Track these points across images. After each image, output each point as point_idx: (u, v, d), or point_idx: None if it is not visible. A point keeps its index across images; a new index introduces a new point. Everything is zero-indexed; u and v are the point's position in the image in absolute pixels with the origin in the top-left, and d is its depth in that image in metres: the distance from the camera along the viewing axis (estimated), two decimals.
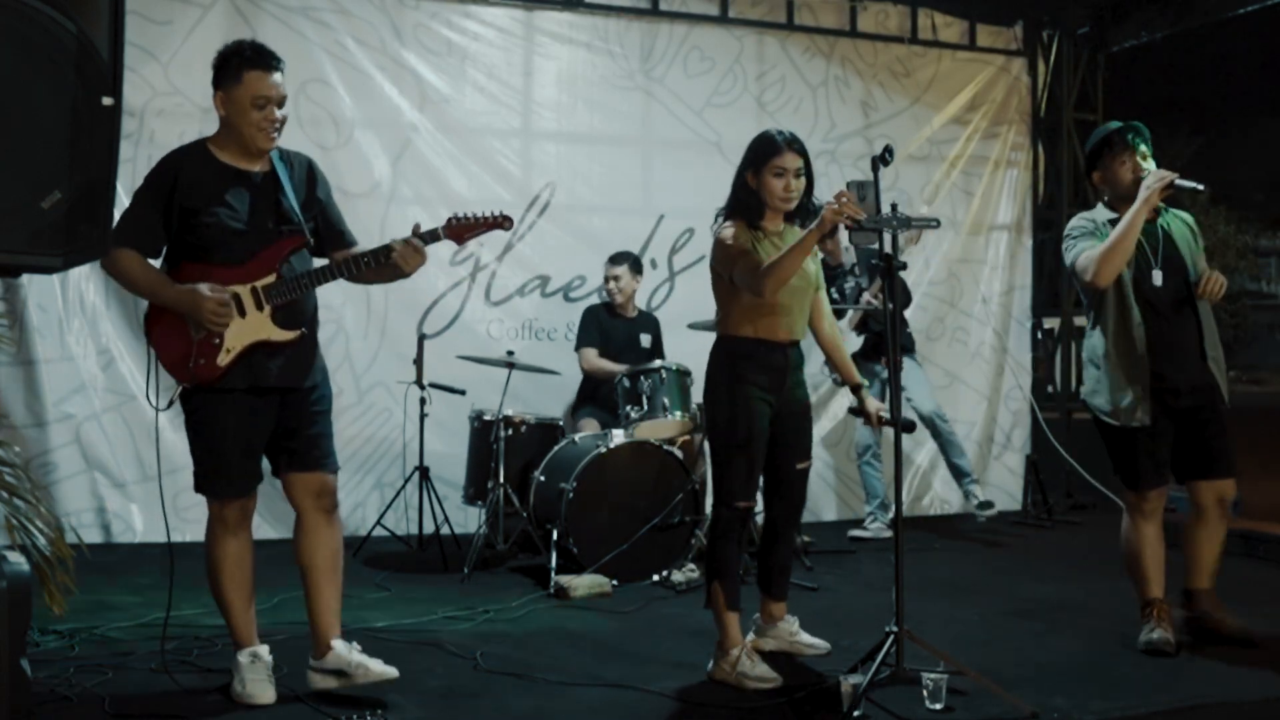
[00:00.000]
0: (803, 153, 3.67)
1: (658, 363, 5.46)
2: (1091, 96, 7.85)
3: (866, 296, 6.21)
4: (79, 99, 2.60)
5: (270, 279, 3.24)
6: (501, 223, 3.45)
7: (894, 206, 3.56)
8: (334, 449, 3.46)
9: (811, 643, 3.97)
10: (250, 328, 3.22)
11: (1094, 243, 3.99)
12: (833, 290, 6.24)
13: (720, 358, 3.73)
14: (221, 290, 3.18)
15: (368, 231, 5.24)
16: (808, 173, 3.70)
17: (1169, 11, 7.39)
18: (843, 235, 6.63)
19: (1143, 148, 4.07)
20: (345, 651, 3.35)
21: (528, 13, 6.61)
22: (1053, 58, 7.78)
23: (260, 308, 3.23)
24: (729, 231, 3.68)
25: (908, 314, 6.49)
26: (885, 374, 6.29)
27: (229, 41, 3.37)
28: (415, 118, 6.35)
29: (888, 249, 3.52)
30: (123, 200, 5.71)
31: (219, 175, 3.26)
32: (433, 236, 3.36)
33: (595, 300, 6.34)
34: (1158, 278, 4.00)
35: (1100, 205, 4.19)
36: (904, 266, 3.61)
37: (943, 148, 7.45)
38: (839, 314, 6.15)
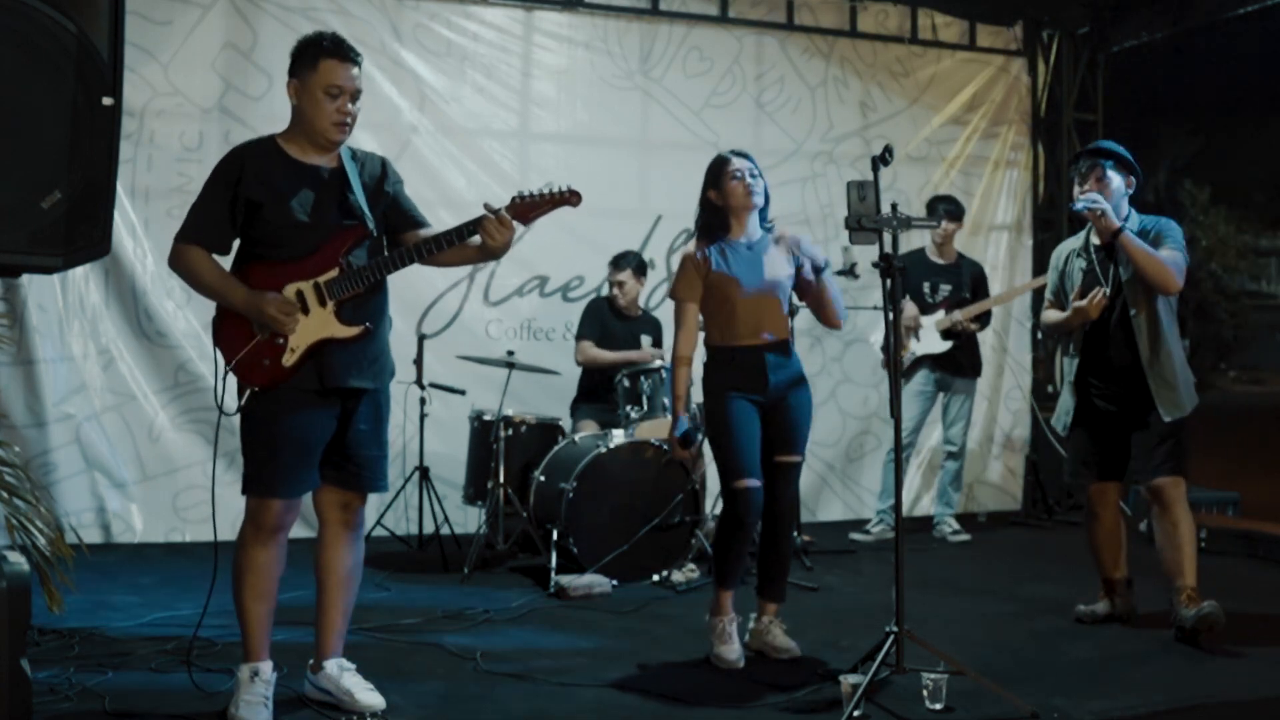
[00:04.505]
0: (752, 160, 3.99)
1: (657, 363, 5.46)
2: (1091, 96, 7.84)
3: (958, 315, 6.26)
4: (79, 99, 2.60)
5: (333, 274, 3.12)
6: (569, 198, 3.20)
7: (894, 206, 3.56)
8: (386, 469, 3.38)
9: (778, 645, 3.92)
10: (314, 326, 3.11)
11: (1052, 283, 4.50)
12: (926, 285, 6.36)
13: (705, 362, 4.01)
14: (284, 298, 3.07)
15: None
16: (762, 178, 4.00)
17: (1169, 11, 7.39)
18: (843, 235, 6.65)
19: (1097, 172, 4.26)
20: (336, 674, 3.32)
21: (527, 13, 6.61)
22: (1053, 58, 7.77)
23: (323, 304, 3.12)
24: (681, 265, 3.99)
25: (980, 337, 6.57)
26: (961, 391, 6.45)
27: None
28: (415, 118, 6.35)
29: (888, 249, 3.52)
30: (123, 200, 5.79)
31: (286, 170, 3.17)
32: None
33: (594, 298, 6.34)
34: (1100, 297, 4.22)
35: (1083, 231, 4.45)
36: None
37: (942, 148, 7.45)
38: (924, 310, 6.35)
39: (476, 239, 3.19)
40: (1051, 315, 4.48)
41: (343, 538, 3.34)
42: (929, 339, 6.33)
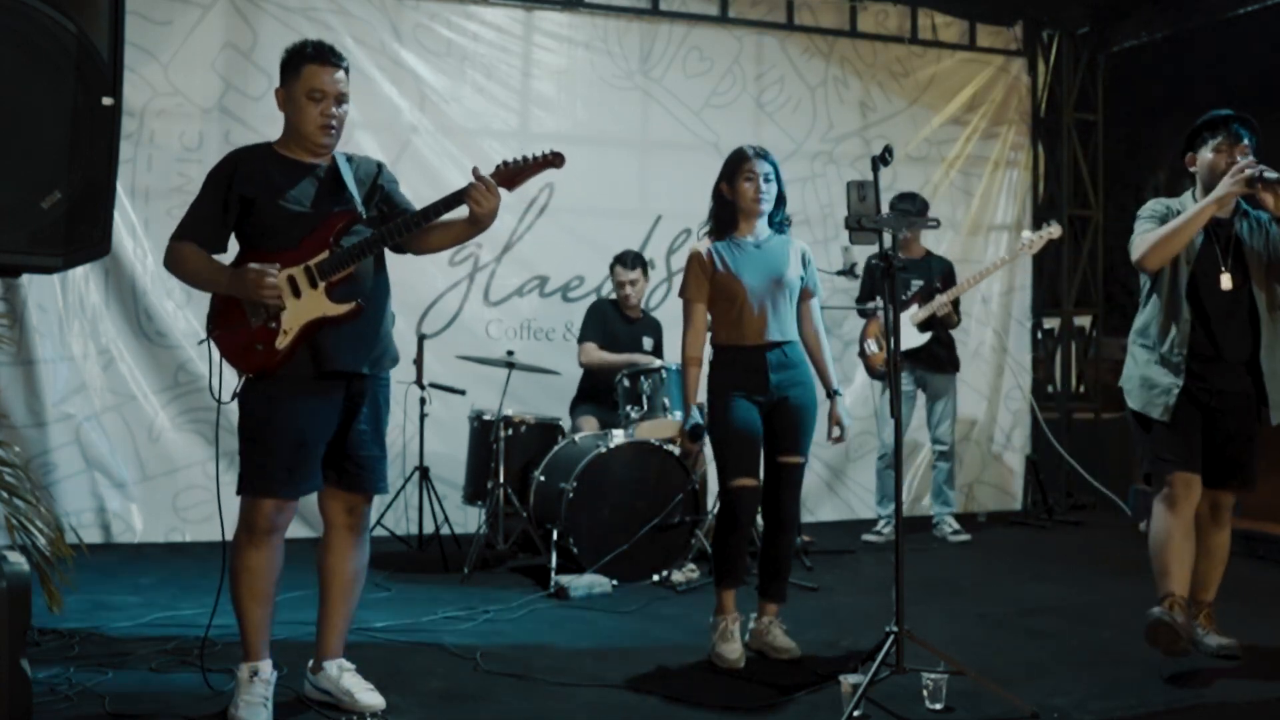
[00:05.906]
0: (772, 163, 3.92)
1: (658, 362, 5.46)
2: (1091, 96, 7.85)
3: (934, 304, 6.20)
4: (79, 99, 2.61)
5: (323, 255, 3.14)
6: (553, 160, 3.27)
7: (894, 206, 3.56)
8: (385, 470, 3.38)
9: (778, 645, 3.91)
10: (306, 307, 3.11)
11: (1155, 226, 3.88)
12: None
13: (711, 361, 3.99)
14: (267, 266, 3.06)
15: None
16: (778, 183, 3.94)
17: (1169, 11, 7.39)
18: (843, 235, 6.65)
19: (1245, 142, 3.84)
20: (335, 675, 3.32)
21: (527, 13, 6.61)
22: (1053, 58, 7.78)
23: (314, 285, 3.12)
24: (688, 264, 3.97)
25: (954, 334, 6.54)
26: (943, 388, 6.44)
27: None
28: (415, 118, 6.35)
29: (887, 249, 3.53)
30: (123, 200, 5.79)
31: (281, 168, 3.21)
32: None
33: (594, 299, 6.33)
34: (1226, 281, 3.83)
35: (1188, 193, 3.97)
36: None
37: (941, 148, 7.45)
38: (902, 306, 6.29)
39: (463, 212, 3.22)
40: (1156, 230, 3.82)
41: (349, 541, 3.34)
42: (906, 334, 6.29)
